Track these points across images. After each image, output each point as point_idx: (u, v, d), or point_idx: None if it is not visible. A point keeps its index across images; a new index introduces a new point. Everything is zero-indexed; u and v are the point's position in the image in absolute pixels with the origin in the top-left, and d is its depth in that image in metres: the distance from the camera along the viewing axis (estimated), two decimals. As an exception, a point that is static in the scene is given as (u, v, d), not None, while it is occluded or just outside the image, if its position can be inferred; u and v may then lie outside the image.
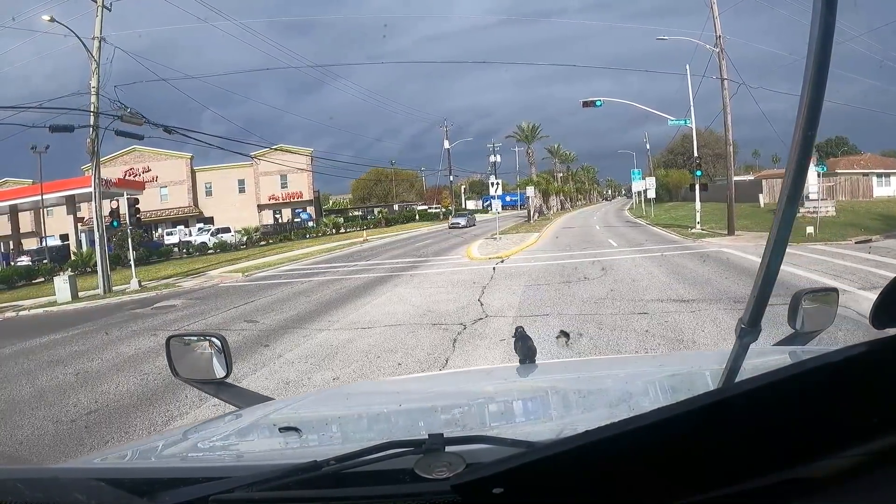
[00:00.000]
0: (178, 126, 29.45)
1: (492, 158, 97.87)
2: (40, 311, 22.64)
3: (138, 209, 26.65)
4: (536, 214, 59.05)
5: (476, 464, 1.06)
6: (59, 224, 54.76)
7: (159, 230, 66.75)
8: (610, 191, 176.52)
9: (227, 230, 58.18)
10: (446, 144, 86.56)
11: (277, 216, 75.02)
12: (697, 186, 35.77)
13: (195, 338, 2.65)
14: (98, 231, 25.72)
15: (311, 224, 67.99)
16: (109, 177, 42.47)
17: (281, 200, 75.87)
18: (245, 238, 55.59)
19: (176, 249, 50.81)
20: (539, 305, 13.61)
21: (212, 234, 56.06)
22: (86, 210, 52.21)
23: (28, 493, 1.16)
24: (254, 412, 2.30)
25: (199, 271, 31.73)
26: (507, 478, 0.92)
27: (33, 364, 11.88)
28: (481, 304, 14.28)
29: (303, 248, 42.61)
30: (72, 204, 45.01)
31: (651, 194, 55.30)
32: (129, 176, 62.87)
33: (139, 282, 25.65)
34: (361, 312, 14.61)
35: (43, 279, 34.95)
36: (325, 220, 69.42)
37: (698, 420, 0.88)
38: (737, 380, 1.15)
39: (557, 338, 8.77)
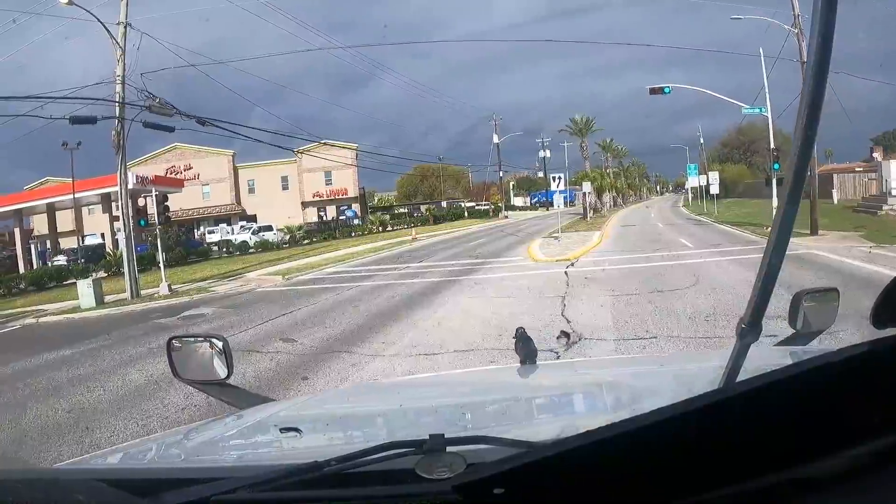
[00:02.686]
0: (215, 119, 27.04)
1: (541, 154, 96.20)
2: (62, 317, 21.13)
3: (167, 206, 24.77)
4: (591, 211, 56.14)
5: (477, 464, 1.07)
6: (100, 223, 53.91)
7: (201, 228, 65.89)
8: (659, 187, 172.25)
9: (269, 228, 56.60)
10: (495, 139, 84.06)
11: (322, 214, 73.74)
12: (774, 181, 32.58)
13: (197, 339, 2.66)
14: (125, 231, 23.92)
15: (356, 222, 66.28)
16: (148, 174, 41.36)
17: (325, 197, 74.40)
18: (288, 236, 53.95)
19: (215, 248, 49.39)
20: (639, 324, 11.02)
21: (253, 233, 54.25)
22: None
23: (28, 494, 1.17)
24: (255, 413, 2.34)
25: (237, 273, 30.06)
26: (508, 478, 0.93)
27: (27, 392, 10.25)
28: (567, 321, 11.66)
29: (348, 248, 40.54)
30: (107, 202, 43.97)
31: (715, 190, 52.26)
32: (171, 174, 62.55)
33: (170, 286, 23.73)
34: (421, 330, 12.27)
35: (74, 280, 33.52)
36: (371, 217, 67.33)
37: (699, 420, 0.90)
38: (737, 380, 1.16)
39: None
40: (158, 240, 25.88)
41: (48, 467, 1.86)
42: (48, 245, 52.33)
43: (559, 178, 35.76)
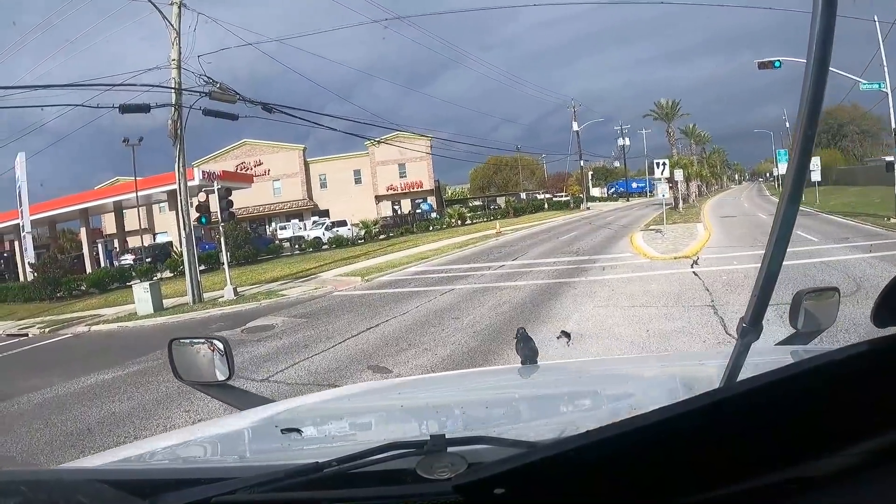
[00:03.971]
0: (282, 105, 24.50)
1: (620, 142, 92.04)
2: (115, 326, 19.32)
3: (231, 202, 22.21)
4: (681, 201, 52.06)
5: (478, 464, 1.08)
6: (171, 221, 52.37)
7: (272, 225, 64.38)
8: (737, 175, 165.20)
9: (343, 223, 54.06)
10: (575, 126, 79.11)
11: (396, 207, 71.13)
12: (896, 165, 28.15)
13: (198, 340, 2.64)
14: (184, 228, 21.58)
15: (434, 215, 63.07)
16: (216, 171, 39.66)
17: (400, 191, 72.31)
18: (363, 232, 50.50)
19: (287, 245, 47.39)
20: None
21: (326, 229, 51.52)
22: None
23: (30, 495, 1.18)
24: (256, 413, 2.34)
25: (311, 273, 27.65)
26: (508, 478, 0.94)
27: (40, 440, 8.25)
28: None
29: (429, 244, 37.40)
30: (174, 199, 42.28)
31: (816, 177, 47.44)
32: (240, 170, 61.54)
33: (235, 289, 21.34)
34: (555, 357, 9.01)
35: (139, 281, 31.75)
36: (449, 210, 64.29)
37: (699, 419, 0.91)
38: (738, 379, 1.17)
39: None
40: (222, 238, 23.60)
41: (50, 468, 1.68)
42: (116, 245, 51.46)
43: (663, 164, 32.31)
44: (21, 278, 45.36)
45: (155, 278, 32.12)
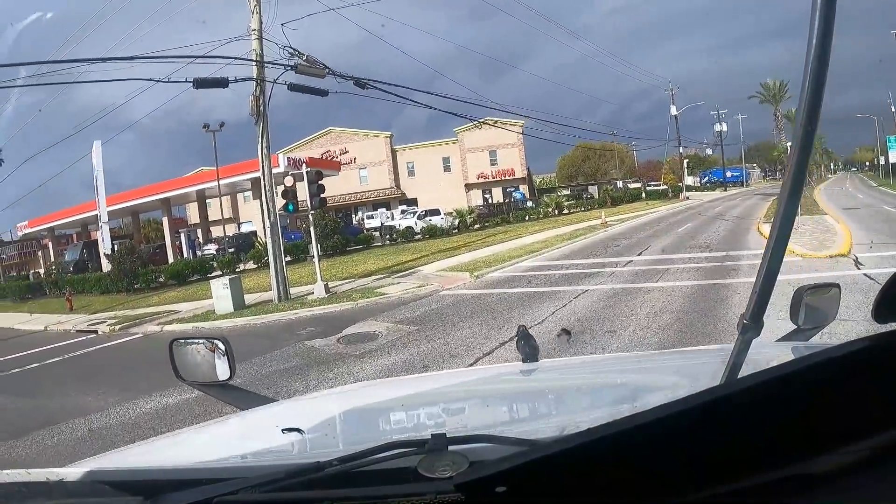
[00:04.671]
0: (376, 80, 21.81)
1: (717, 127, 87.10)
2: (189, 326, 17.08)
3: (322, 186, 19.54)
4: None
5: (479, 462, 1.10)
6: (255, 210, 51.42)
7: (359, 214, 62.93)
8: (832, 164, 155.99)
9: (436, 212, 50.54)
10: (673, 110, 74.67)
11: (487, 196, 68.38)
12: None
13: (198, 340, 2.63)
14: (267, 217, 19.09)
15: (529, 204, 60.30)
16: (302, 157, 37.87)
17: (490, 179, 69.38)
18: (457, 221, 47.36)
19: (377, 235, 44.78)
20: None
21: (418, 218, 48.64)
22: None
23: (32, 496, 1.22)
24: (257, 413, 2.40)
25: (408, 267, 24.75)
26: (509, 476, 0.94)
27: None
28: None
29: (531, 235, 33.95)
30: (258, 187, 40.52)
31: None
32: (326, 158, 60.09)
33: (326, 285, 18.75)
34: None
35: (220, 273, 29.75)
36: (545, 199, 60.96)
37: (701, 416, 0.91)
38: (739, 376, 1.19)
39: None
40: (312, 228, 20.92)
41: (52, 469, 1.26)
42: (199, 234, 50.40)
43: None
44: (104, 269, 44.84)
45: (237, 270, 30.21)
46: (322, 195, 19.31)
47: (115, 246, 35.84)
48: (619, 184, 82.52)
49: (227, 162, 43.24)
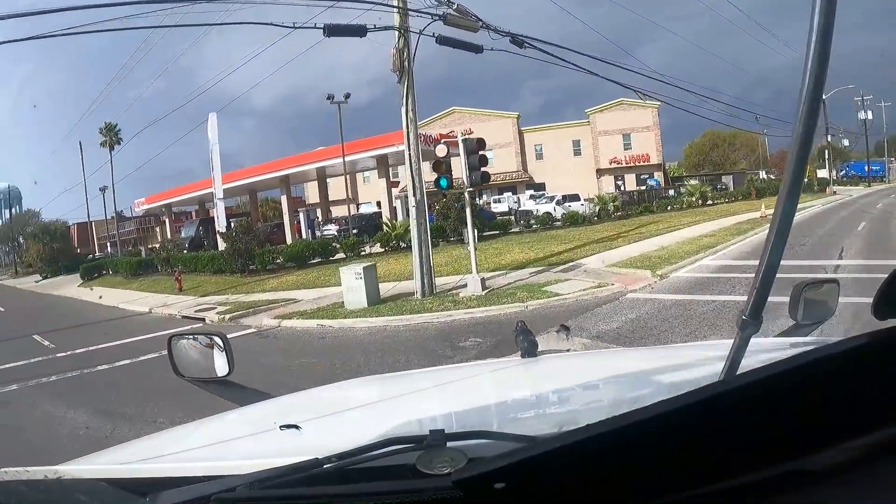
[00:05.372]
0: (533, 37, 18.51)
1: (861, 115, 79.65)
2: (313, 323, 14.25)
3: (484, 158, 16.37)
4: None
5: (477, 459, 1.08)
6: (375, 191, 51.58)
7: (484, 197, 59.22)
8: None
9: (575, 198, 45.04)
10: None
11: (619, 183, 63.86)
12: None
13: (197, 336, 2.68)
14: (415, 195, 15.94)
15: (671, 193, 55.21)
16: (433, 134, 35.57)
17: (624, 164, 64.18)
18: (597, 208, 42.81)
19: (512, 220, 40.72)
20: None
21: (557, 203, 43.26)
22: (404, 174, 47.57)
23: (31, 494, 1.22)
24: (254, 410, 2.37)
25: (564, 259, 20.97)
26: (508, 472, 0.94)
27: None
28: None
29: (689, 228, 29.57)
30: (384, 165, 37.86)
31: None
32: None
33: (483, 280, 15.35)
34: None
35: (343, 256, 27.21)
36: (688, 187, 56.04)
37: (700, 413, 0.92)
38: (738, 372, 1.18)
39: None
40: (468, 209, 17.06)
41: (51, 467, 1.28)
42: (318, 214, 48.43)
43: None
44: (220, 247, 43.33)
45: (362, 254, 27.49)
46: (484, 168, 16.11)
47: (231, 223, 33.61)
48: (762, 174, 76.32)
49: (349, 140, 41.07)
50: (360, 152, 39.46)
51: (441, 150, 15.58)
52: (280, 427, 1.78)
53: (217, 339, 2.56)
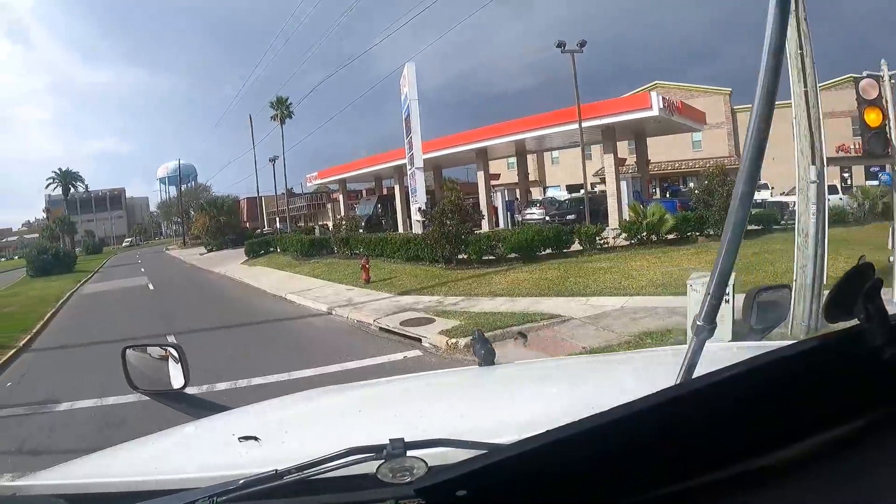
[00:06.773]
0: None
1: None
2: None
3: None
4: None
5: (438, 467, 1.10)
6: (570, 170, 49.23)
7: (689, 185, 52.49)
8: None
9: (833, 190, 37.74)
10: None
11: (846, 175, 54.35)
12: None
13: (152, 347, 2.68)
14: (815, 164, 9.59)
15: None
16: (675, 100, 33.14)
17: (854, 153, 54.96)
18: (867, 204, 34.72)
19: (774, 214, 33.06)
20: None
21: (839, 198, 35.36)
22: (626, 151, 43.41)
23: None
24: (212, 421, 2.36)
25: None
26: (469, 480, 0.96)
27: None
28: None
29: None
30: (611, 137, 31.41)
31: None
32: None
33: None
34: None
35: (581, 248, 21.68)
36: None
37: (658, 416, 0.95)
38: (694, 375, 1.21)
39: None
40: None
41: (6, 484, 1.47)
42: (517, 195, 42.83)
43: None
44: (400, 229, 38.52)
45: (603, 246, 21.82)
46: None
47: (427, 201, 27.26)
48: None
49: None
50: (559, 124, 32.72)
51: (870, 87, 9.32)
52: (239, 438, 1.75)
53: (172, 351, 2.53)
